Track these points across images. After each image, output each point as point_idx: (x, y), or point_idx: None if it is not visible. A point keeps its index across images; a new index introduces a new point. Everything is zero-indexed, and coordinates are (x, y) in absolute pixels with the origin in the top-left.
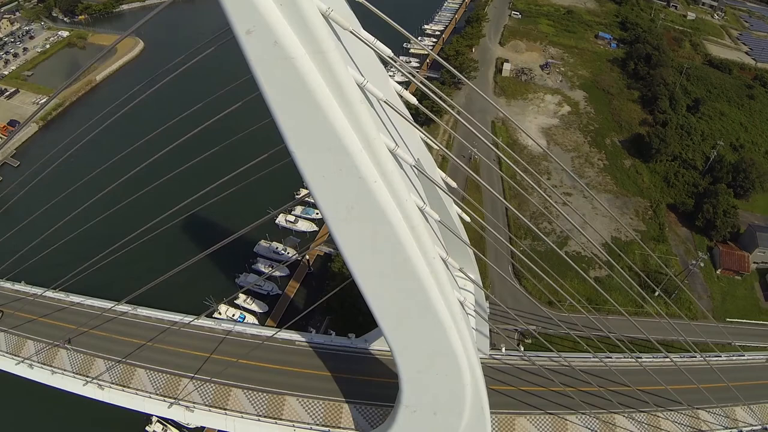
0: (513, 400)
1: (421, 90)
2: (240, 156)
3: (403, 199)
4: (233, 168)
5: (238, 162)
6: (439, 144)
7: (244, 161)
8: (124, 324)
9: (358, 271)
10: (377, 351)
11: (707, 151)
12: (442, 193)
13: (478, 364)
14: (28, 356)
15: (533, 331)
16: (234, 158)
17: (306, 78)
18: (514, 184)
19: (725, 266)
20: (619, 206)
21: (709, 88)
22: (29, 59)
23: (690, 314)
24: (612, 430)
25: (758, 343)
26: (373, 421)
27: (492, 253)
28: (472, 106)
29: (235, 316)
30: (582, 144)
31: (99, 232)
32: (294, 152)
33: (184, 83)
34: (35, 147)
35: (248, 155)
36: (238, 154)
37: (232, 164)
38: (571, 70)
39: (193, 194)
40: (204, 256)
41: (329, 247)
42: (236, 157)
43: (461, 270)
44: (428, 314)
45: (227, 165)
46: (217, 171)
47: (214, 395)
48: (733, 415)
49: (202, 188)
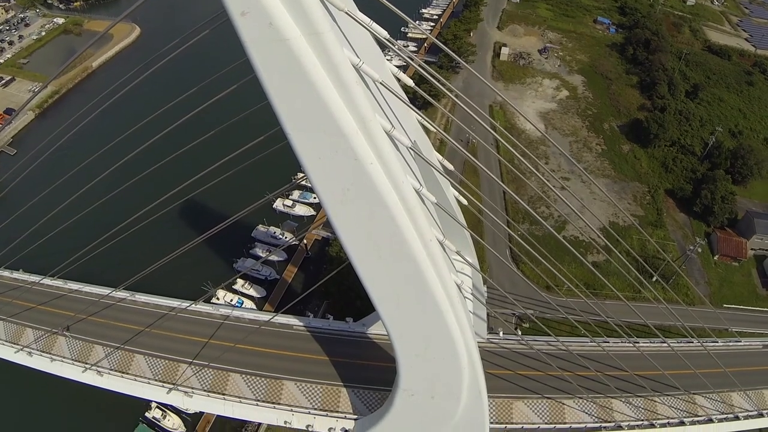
0: (510, 384)
1: (419, 73)
2: (237, 140)
3: (400, 181)
4: (230, 152)
5: (235, 146)
6: (436, 127)
7: (241, 145)
8: (123, 310)
9: (355, 254)
10: (375, 335)
11: (706, 137)
12: (439, 176)
13: (476, 348)
14: (27, 344)
15: (531, 315)
16: (231, 142)
17: (301, 59)
18: (512, 168)
19: (723, 252)
20: (617, 191)
21: (708, 74)
22: (25, 47)
23: (687, 300)
24: (609, 415)
25: (755, 329)
26: (371, 405)
27: (490, 237)
28: (470, 90)
29: (233, 301)
30: (580, 129)
31: (97, 219)
32: (290, 134)
33: (181, 68)
34: (32, 135)
35: (245, 139)
36: (236, 138)
37: (229, 148)
38: (569, 54)
39: (190, 179)
40: (202, 240)
41: (327, 231)
42: (233, 141)
43: (458, 253)
44: (425, 297)
45: (224, 149)
46: (214, 155)
47: (212, 380)
48: (729, 401)
49: (199, 173)
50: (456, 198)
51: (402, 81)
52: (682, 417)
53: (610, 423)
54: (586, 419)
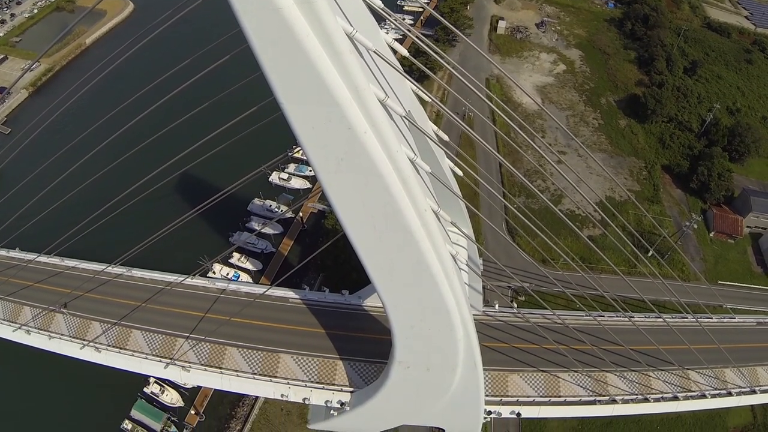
0: (506, 357)
1: (417, 45)
2: (231, 112)
3: (394, 150)
4: (224, 124)
5: (229, 118)
6: (431, 96)
7: (235, 117)
8: (119, 286)
9: (350, 225)
10: (371, 307)
11: (703, 114)
12: (434, 147)
13: (471, 320)
14: (25, 322)
15: (527, 288)
16: (225, 115)
17: (294, 28)
18: (509, 140)
19: (718, 229)
20: (614, 166)
21: (707, 51)
22: (17, 25)
23: (683, 275)
24: (604, 389)
25: (749, 306)
26: (368, 377)
27: (486, 209)
28: (467, 63)
29: (229, 274)
30: (577, 103)
31: (92, 195)
32: (283, 104)
33: (174, 42)
34: (26, 113)
35: (239, 111)
36: (230, 111)
37: (223, 121)
38: (567, 28)
39: (185, 152)
40: (197, 214)
41: (323, 204)
42: (227, 114)
43: (453, 224)
44: (420, 268)
45: (219, 122)
46: (209, 128)
47: (209, 354)
48: (722, 377)
49: (194, 146)
50: (452, 169)
51: (398, 53)
52: (676, 392)
53: (604, 397)
54: (581, 393)
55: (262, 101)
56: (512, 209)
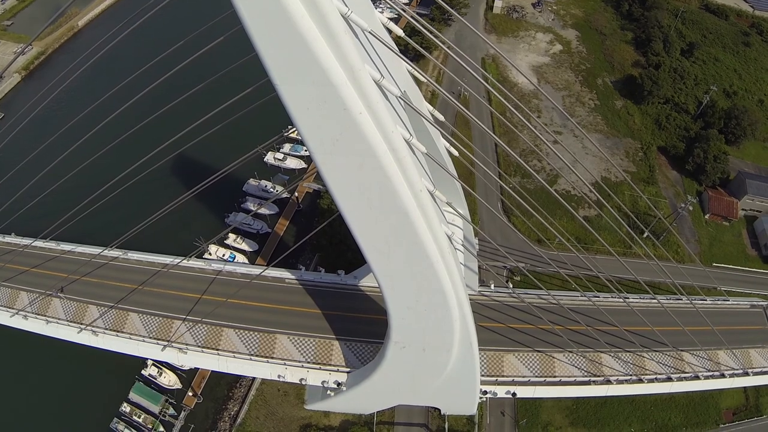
0: (502, 337)
1: (411, 25)
2: (225, 93)
3: (389, 131)
4: (219, 105)
5: (223, 99)
6: (426, 76)
7: (230, 98)
8: (115, 269)
9: (345, 205)
10: (366, 287)
11: (700, 96)
12: (430, 127)
13: (467, 300)
14: (22, 307)
15: (522, 268)
16: (220, 96)
17: (288, 8)
18: (504, 120)
19: (714, 211)
20: (610, 147)
21: (704, 33)
22: (8, 8)
23: (677, 257)
24: (598, 369)
25: (743, 288)
26: (364, 357)
27: (481, 189)
28: (462, 43)
29: (225, 256)
30: (573, 83)
31: (87, 178)
32: (278, 85)
33: (168, 23)
34: (19, 97)
35: (234, 92)
36: (224, 92)
37: (217, 102)
38: (563, 8)
39: (179, 134)
40: (192, 196)
41: (318, 183)
42: (222, 95)
43: (449, 204)
44: (415, 248)
45: (213, 103)
46: (203, 110)
47: (206, 336)
48: (716, 359)
49: (188, 127)
50: (447, 150)
51: (393, 32)
52: (670, 373)
53: (599, 377)
54: (576, 373)
55: (257, 82)
56: (508, 189)
